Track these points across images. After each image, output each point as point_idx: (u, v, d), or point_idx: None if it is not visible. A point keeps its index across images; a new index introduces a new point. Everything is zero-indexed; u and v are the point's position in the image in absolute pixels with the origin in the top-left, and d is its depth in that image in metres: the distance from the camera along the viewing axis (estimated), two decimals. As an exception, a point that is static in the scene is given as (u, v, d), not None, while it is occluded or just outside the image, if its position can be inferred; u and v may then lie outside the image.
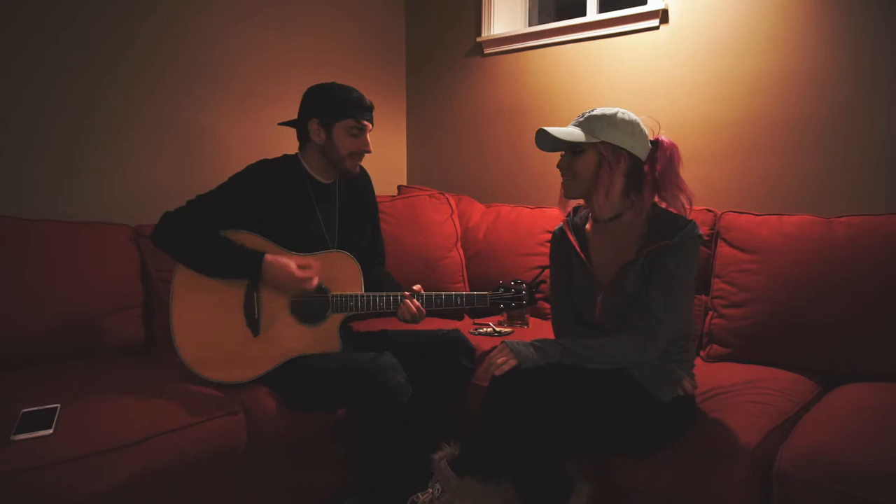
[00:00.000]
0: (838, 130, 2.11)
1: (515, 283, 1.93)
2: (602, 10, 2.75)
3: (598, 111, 1.55)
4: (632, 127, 1.54)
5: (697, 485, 1.46)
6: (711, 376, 1.78)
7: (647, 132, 1.58)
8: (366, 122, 1.89)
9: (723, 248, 2.09)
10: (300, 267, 1.78)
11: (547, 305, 2.48)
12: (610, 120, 1.53)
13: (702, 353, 2.06)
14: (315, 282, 1.79)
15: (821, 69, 2.13)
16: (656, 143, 1.59)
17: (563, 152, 1.62)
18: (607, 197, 1.56)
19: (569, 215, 1.76)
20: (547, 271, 1.79)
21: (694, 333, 1.68)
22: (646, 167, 1.58)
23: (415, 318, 1.86)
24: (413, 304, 1.85)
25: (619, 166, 1.54)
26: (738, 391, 1.69)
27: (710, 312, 2.07)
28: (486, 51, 3.04)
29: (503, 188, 3.03)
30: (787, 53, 2.19)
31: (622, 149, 1.53)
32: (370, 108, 1.91)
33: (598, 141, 1.52)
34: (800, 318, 1.87)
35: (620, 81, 2.60)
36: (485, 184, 3.10)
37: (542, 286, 2.41)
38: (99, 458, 1.42)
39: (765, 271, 1.95)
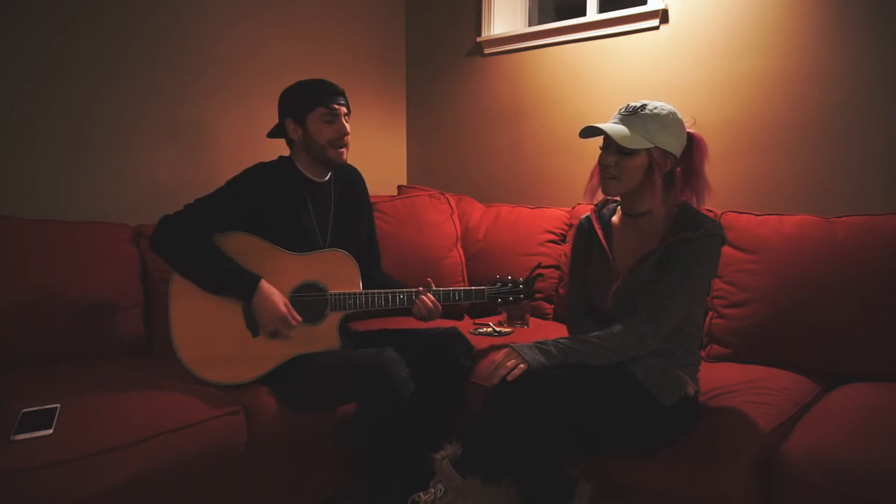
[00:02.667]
0: (838, 130, 2.11)
1: (513, 279, 1.95)
2: (602, 10, 2.75)
3: (650, 110, 1.49)
4: (679, 128, 1.52)
5: (698, 484, 1.45)
6: (712, 376, 1.77)
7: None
8: (336, 107, 1.86)
9: (723, 248, 2.08)
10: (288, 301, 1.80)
11: (547, 305, 2.49)
12: (664, 122, 1.48)
13: (702, 354, 2.06)
14: (294, 323, 1.79)
15: (821, 69, 2.13)
16: (690, 138, 1.56)
17: (602, 145, 1.56)
18: (651, 197, 1.55)
19: (596, 206, 1.75)
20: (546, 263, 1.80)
21: (700, 337, 1.67)
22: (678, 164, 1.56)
23: (431, 315, 1.86)
24: (429, 300, 1.85)
25: (665, 169, 1.52)
26: (738, 391, 1.69)
27: (710, 312, 2.07)
28: (486, 51, 3.04)
29: (503, 188, 3.03)
30: (787, 53, 2.19)
31: (670, 153, 1.51)
32: (339, 92, 1.89)
33: (653, 146, 1.49)
34: (800, 318, 1.86)
35: (620, 81, 2.60)
36: (485, 184, 3.10)
37: (541, 285, 2.42)
38: (99, 458, 1.42)
39: (765, 271, 1.95)
